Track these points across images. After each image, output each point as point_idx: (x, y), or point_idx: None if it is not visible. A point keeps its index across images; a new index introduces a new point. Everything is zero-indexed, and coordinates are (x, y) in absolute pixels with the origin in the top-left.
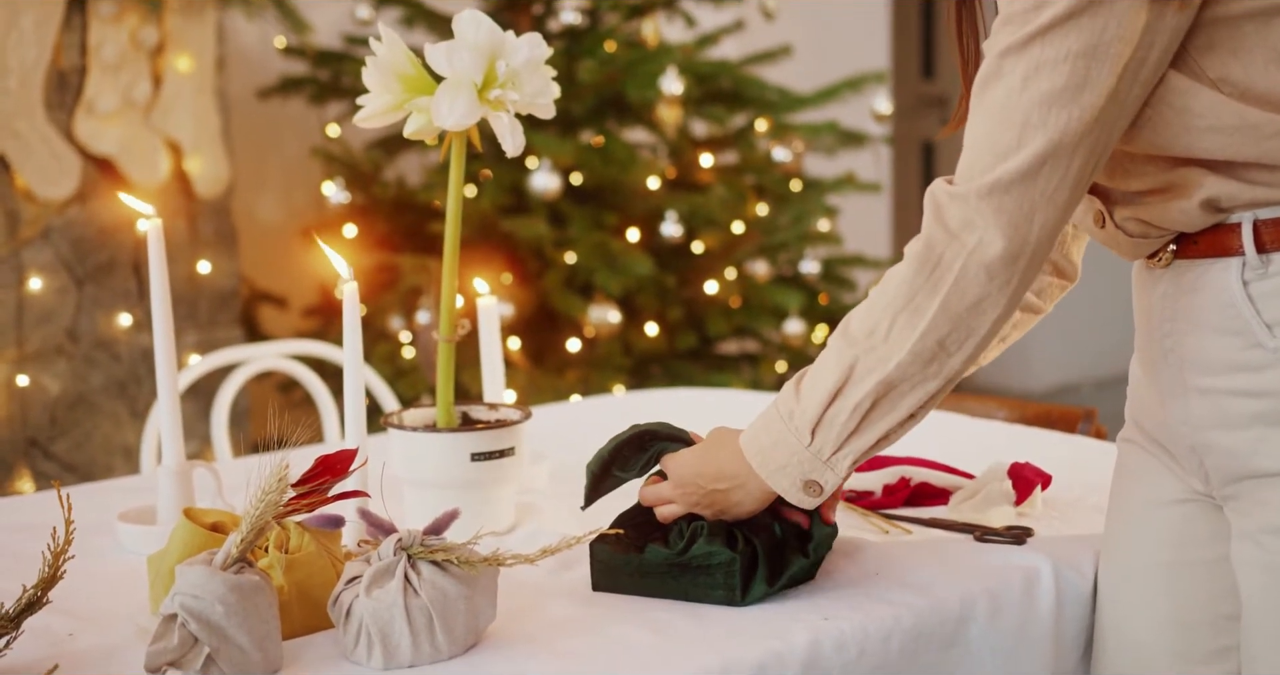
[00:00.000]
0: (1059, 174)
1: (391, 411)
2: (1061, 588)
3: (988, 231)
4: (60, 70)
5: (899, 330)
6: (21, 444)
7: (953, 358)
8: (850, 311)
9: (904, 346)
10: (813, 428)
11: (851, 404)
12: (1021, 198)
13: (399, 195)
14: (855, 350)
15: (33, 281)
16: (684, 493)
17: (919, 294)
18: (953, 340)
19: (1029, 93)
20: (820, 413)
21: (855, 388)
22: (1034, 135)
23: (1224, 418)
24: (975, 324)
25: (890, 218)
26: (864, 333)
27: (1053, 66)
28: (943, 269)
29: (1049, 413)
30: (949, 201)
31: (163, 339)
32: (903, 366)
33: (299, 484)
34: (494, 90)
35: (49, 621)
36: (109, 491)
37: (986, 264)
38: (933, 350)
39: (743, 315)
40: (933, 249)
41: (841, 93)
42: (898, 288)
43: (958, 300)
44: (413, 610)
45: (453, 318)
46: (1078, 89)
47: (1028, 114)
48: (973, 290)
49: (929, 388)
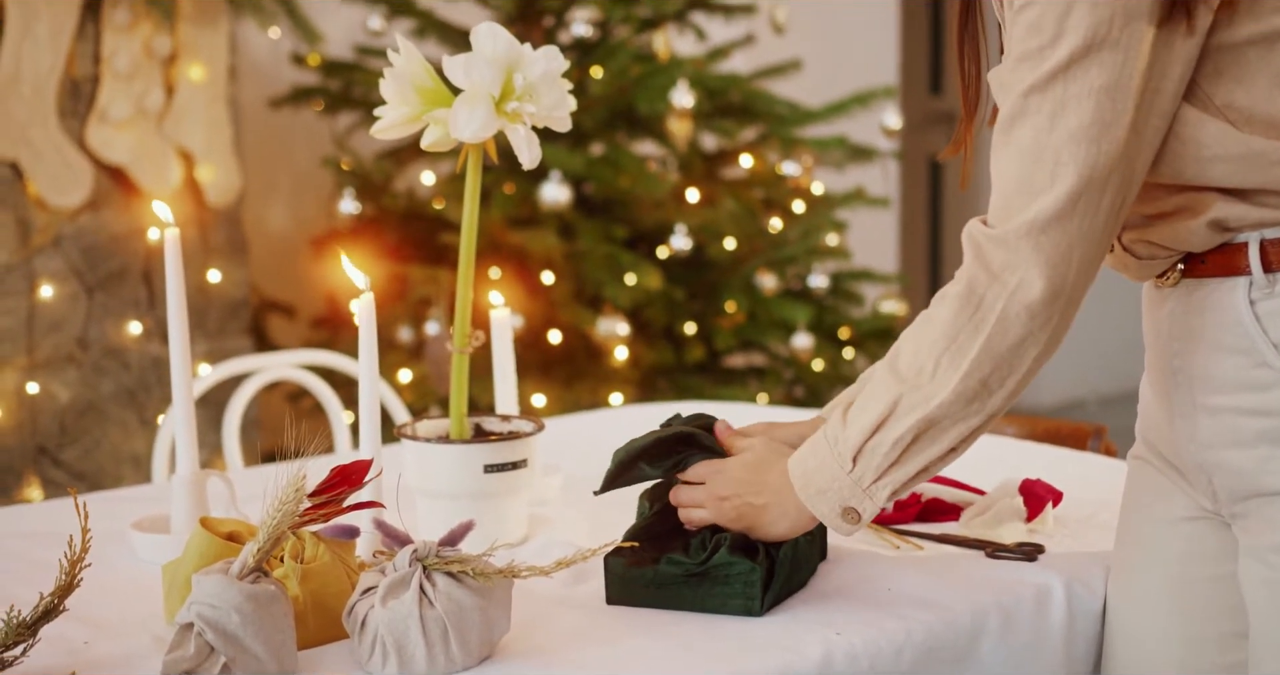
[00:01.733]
0: (1092, 210)
1: (404, 422)
2: (1073, 604)
3: (1028, 272)
4: (74, 79)
5: (943, 370)
6: (31, 451)
7: (995, 396)
8: (900, 340)
9: (947, 386)
10: (854, 455)
11: (893, 437)
12: (1059, 237)
13: (409, 206)
14: (901, 387)
15: (43, 289)
16: (721, 500)
17: (961, 334)
18: (995, 379)
19: (1057, 131)
20: (862, 442)
21: (898, 422)
22: (1065, 173)
23: (1232, 436)
24: (1017, 363)
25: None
26: (910, 370)
27: (1078, 103)
28: (985, 310)
29: (1059, 429)
30: (988, 243)
31: (178, 348)
32: (945, 406)
33: (315, 494)
34: (511, 103)
35: (65, 629)
36: (120, 500)
37: (1028, 305)
38: (975, 389)
39: (750, 329)
40: (974, 290)
41: (851, 108)
42: (941, 328)
43: (1000, 341)
44: (428, 621)
45: (467, 329)
46: (1105, 124)
47: (1058, 152)
48: (1015, 330)
49: (971, 424)
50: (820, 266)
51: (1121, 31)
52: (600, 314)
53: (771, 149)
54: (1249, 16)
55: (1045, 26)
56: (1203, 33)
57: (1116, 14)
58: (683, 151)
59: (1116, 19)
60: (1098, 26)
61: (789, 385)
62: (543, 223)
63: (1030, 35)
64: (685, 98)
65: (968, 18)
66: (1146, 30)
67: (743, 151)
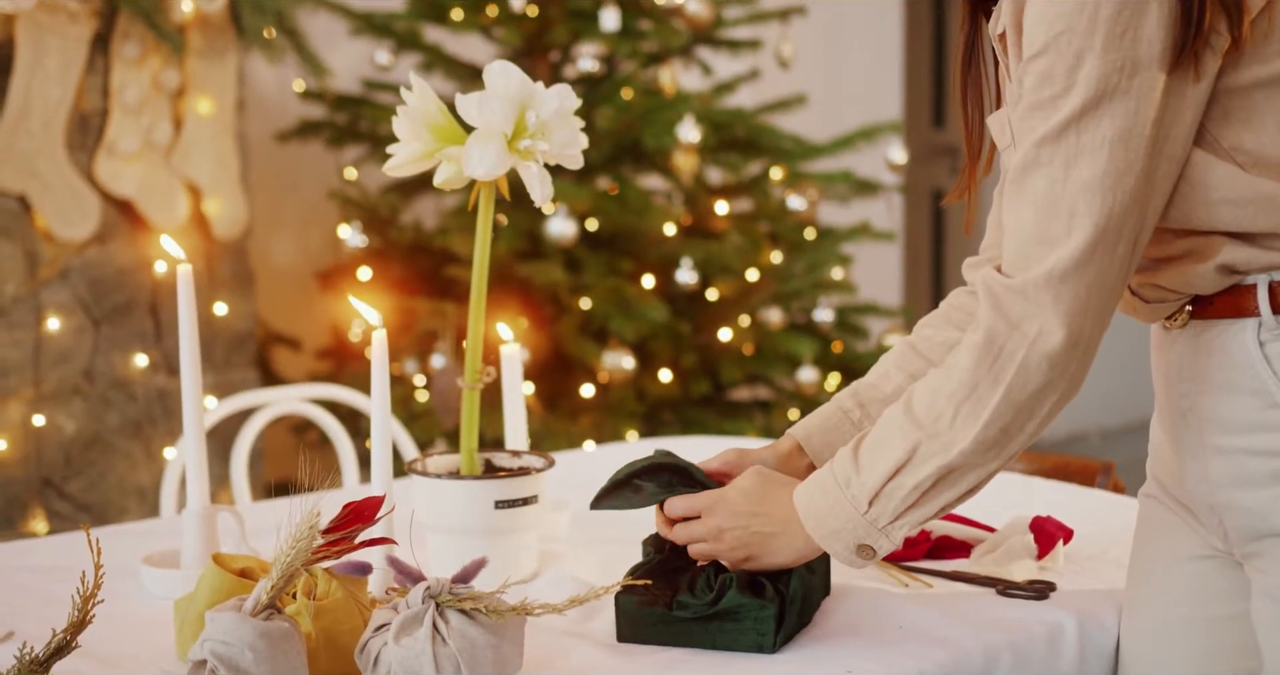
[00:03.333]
0: (1109, 258)
1: (415, 458)
2: (1085, 643)
3: (1048, 322)
4: (82, 112)
5: (962, 419)
6: (36, 483)
7: (1014, 441)
8: (915, 386)
9: (968, 436)
10: (870, 499)
11: (912, 483)
12: (1078, 286)
13: (415, 239)
14: (919, 434)
15: (50, 322)
16: (724, 531)
17: (981, 384)
18: (1015, 426)
19: (1071, 181)
20: (879, 487)
21: (917, 469)
22: (1082, 223)
23: (1243, 477)
24: (1037, 409)
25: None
26: (928, 418)
27: (1091, 153)
28: (1004, 360)
29: (1067, 465)
30: (1006, 293)
31: (190, 382)
32: (966, 454)
33: (328, 531)
34: (524, 140)
35: (77, 665)
36: (128, 534)
37: (1049, 354)
38: (996, 437)
39: (756, 362)
40: (994, 341)
41: (856, 142)
42: (960, 377)
43: (1021, 390)
44: (441, 659)
45: (479, 365)
46: (1119, 174)
47: (1073, 202)
48: (1035, 380)
49: (990, 468)
50: (825, 300)
51: (1132, 80)
52: (606, 347)
53: (777, 183)
54: (1255, 60)
55: (1057, 76)
56: (1211, 77)
57: (1127, 63)
58: (688, 185)
59: (1127, 68)
60: (1109, 76)
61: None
62: (549, 256)
63: (1042, 85)
64: (691, 132)
65: (970, 64)
66: (1157, 78)
67: (748, 186)
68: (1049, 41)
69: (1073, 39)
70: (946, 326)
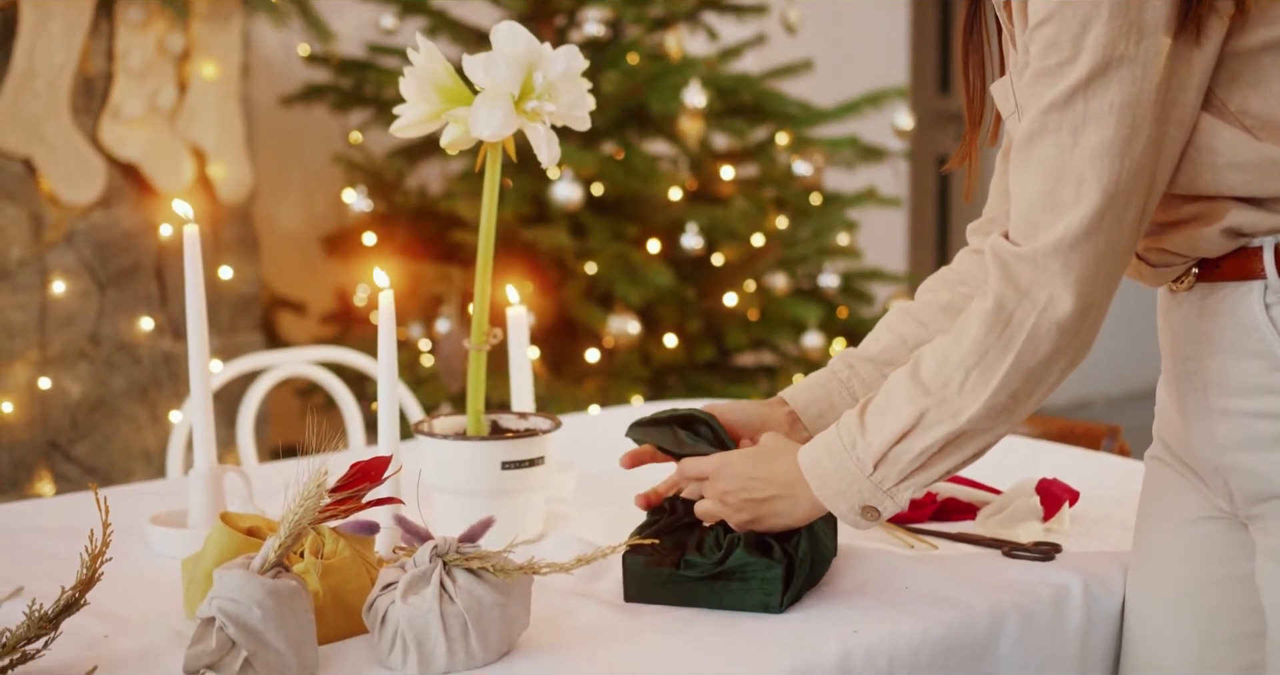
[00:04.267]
0: (1117, 224)
1: (421, 419)
2: (1090, 604)
3: (1057, 290)
4: (87, 76)
5: (971, 386)
6: (42, 446)
7: (1022, 406)
8: (921, 350)
9: (977, 402)
10: (876, 462)
11: (919, 447)
12: (1087, 254)
13: (420, 203)
14: (927, 399)
15: (56, 285)
16: (725, 494)
17: (990, 352)
18: (1023, 392)
19: (1080, 148)
20: (886, 450)
21: (925, 434)
22: (1090, 190)
23: (1248, 439)
24: (1046, 376)
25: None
26: (936, 383)
27: (1099, 120)
28: (1014, 328)
29: (1073, 429)
30: (1014, 261)
31: (197, 343)
32: (974, 420)
33: (335, 490)
34: (530, 102)
35: (84, 623)
36: (135, 495)
37: (1058, 321)
38: (1005, 403)
39: (761, 328)
40: (1003, 309)
41: (862, 108)
42: (969, 345)
43: (1030, 357)
44: (448, 617)
45: (485, 327)
46: (1126, 140)
47: (1082, 169)
48: (1045, 347)
49: (998, 432)
50: (831, 266)
51: (1138, 46)
52: (611, 312)
53: (782, 149)
54: (1262, 22)
55: (1063, 43)
56: (1217, 42)
57: (1132, 29)
58: (694, 151)
59: (1133, 34)
60: (1115, 42)
61: None
62: (554, 221)
63: (1048, 52)
64: (697, 97)
65: (972, 31)
66: (1163, 43)
67: (753, 151)
68: (1054, 9)
69: (1079, 6)
70: (941, 288)
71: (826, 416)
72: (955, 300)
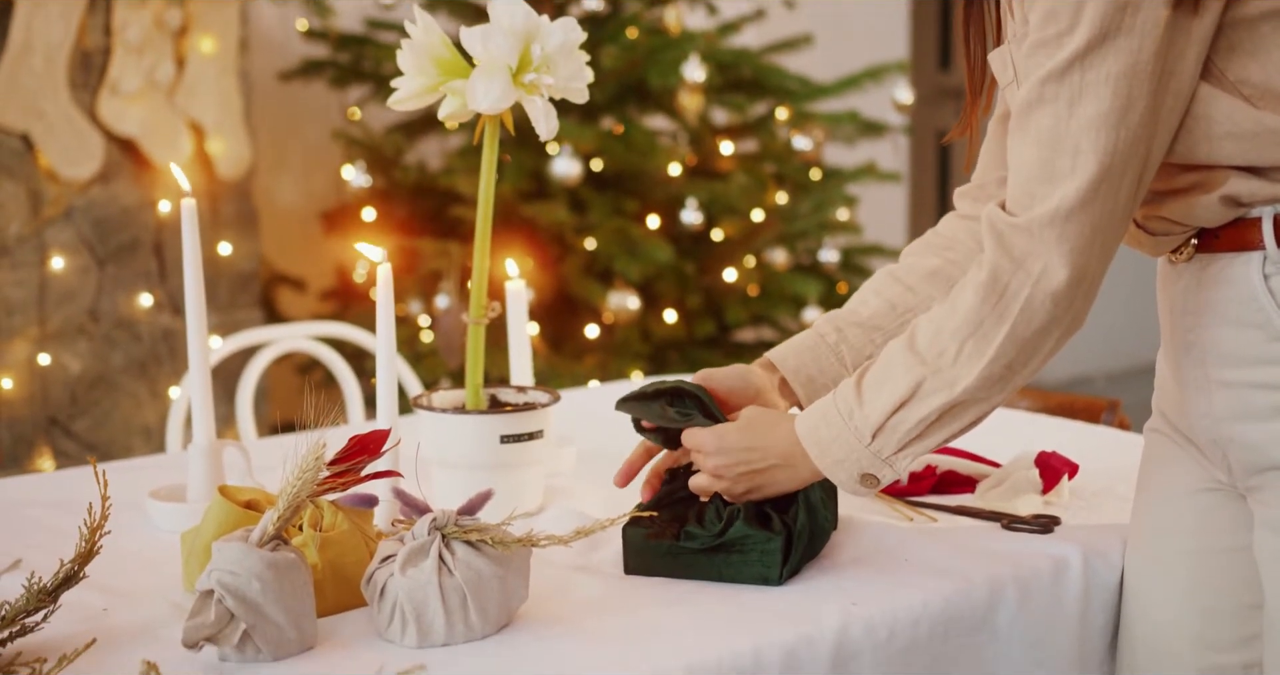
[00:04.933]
0: (1113, 195)
1: (420, 393)
2: (1089, 576)
3: (1052, 260)
4: (85, 51)
5: (967, 356)
6: (42, 422)
7: (1018, 376)
8: (916, 320)
9: (972, 372)
10: (874, 432)
11: (916, 417)
12: (1082, 224)
13: (419, 179)
14: (924, 369)
15: (55, 261)
16: (723, 468)
17: (985, 322)
18: (1019, 362)
19: (1076, 118)
20: (883, 420)
21: (921, 404)
22: (1086, 160)
23: (1246, 410)
24: (1041, 346)
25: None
26: (932, 354)
27: (1096, 90)
28: (1009, 298)
29: (1073, 403)
30: (1010, 231)
31: (195, 316)
32: (970, 390)
33: (334, 463)
34: (528, 74)
35: (84, 596)
36: (135, 470)
37: (1053, 292)
38: (1000, 373)
39: (761, 303)
40: (998, 279)
41: (862, 82)
42: (965, 315)
43: (1025, 328)
44: (447, 589)
45: (484, 300)
46: (1123, 111)
47: (1078, 140)
48: (1040, 317)
49: (993, 402)
50: (831, 241)
51: (1136, 17)
52: (611, 287)
53: (782, 123)
54: None
55: (1061, 14)
56: (1216, 12)
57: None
58: (693, 126)
59: (1131, 5)
60: (1113, 13)
61: None
62: (554, 196)
63: (1046, 22)
64: (696, 72)
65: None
66: (1161, 13)
67: (753, 126)
68: None
69: None
70: (927, 253)
71: (816, 381)
72: (943, 267)
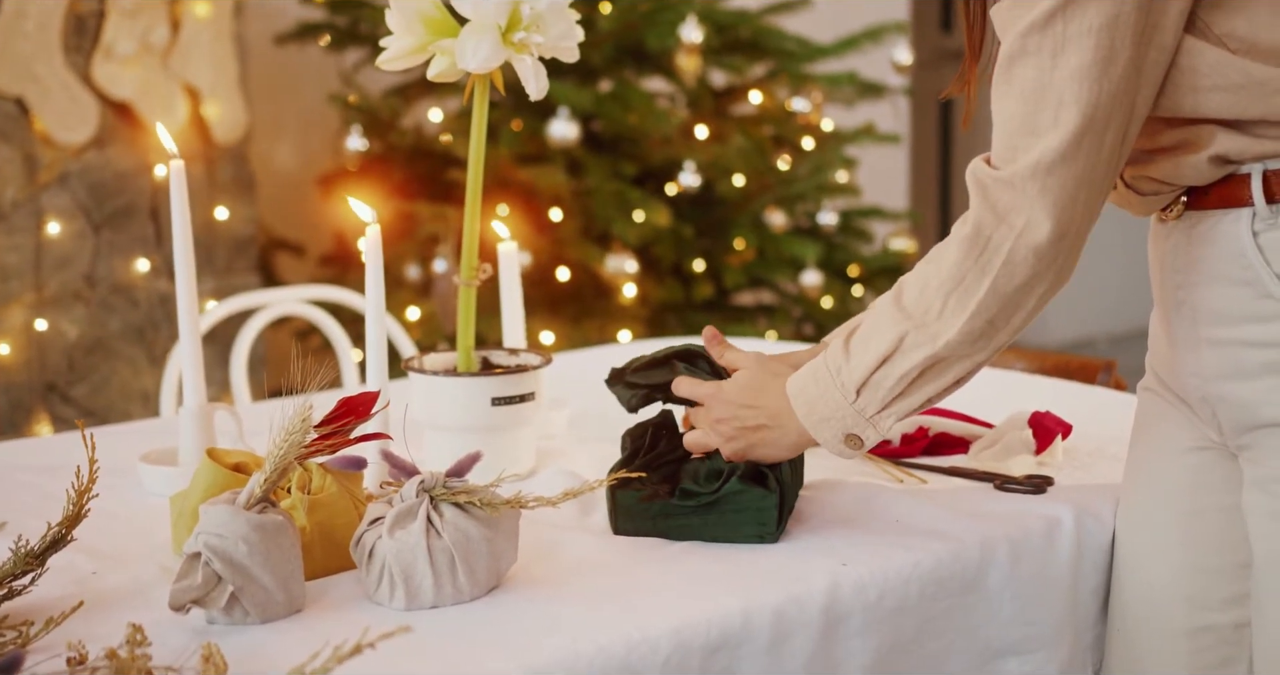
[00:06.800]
0: (1096, 149)
1: (411, 356)
2: (1081, 536)
3: (1034, 214)
4: (78, 14)
5: (950, 311)
6: (40, 388)
7: (1000, 333)
8: (904, 277)
9: (954, 326)
10: (859, 388)
11: (899, 372)
12: (1065, 177)
13: (417, 143)
14: (907, 323)
15: (50, 226)
16: (717, 422)
17: (969, 276)
18: (1001, 318)
19: (1059, 70)
20: (867, 376)
21: (904, 358)
22: (1069, 113)
23: (1236, 368)
24: (1024, 301)
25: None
26: (917, 308)
27: (1078, 42)
28: (991, 252)
29: (1068, 363)
30: (993, 184)
31: (184, 280)
32: (952, 345)
33: (322, 425)
34: (518, 33)
35: (72, 559)
36: (128, 434)
37: (1035, 246)
38: (982, 328)
39: (759, 266)
40: (981, 232)
41: (861, 43)
42: (948, 269)
43: (1007, 282)
44: (435, 551)
45: (474, 262)
46: (1105, 62)
47: (1060, 92)
48: (1022, 272)
49: (977, 360)
50: (830, 203)
51: None
52: (609, 251)
53: (781, 85)
54: None
55: None
56: None
57: None
58: (691, 88)
59: None
60: None
61: (798, 322)
62: (551, 159)
63: None
64: (694, 33)
65: None
66: None
67: (752, 88)
68: None
69: None
70: None
71: None
72: None
